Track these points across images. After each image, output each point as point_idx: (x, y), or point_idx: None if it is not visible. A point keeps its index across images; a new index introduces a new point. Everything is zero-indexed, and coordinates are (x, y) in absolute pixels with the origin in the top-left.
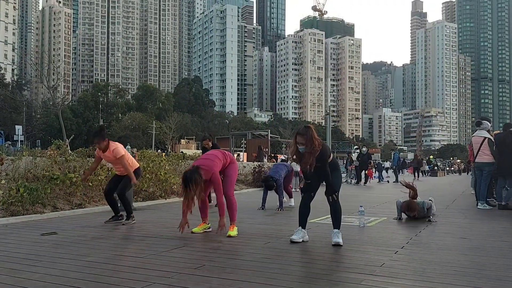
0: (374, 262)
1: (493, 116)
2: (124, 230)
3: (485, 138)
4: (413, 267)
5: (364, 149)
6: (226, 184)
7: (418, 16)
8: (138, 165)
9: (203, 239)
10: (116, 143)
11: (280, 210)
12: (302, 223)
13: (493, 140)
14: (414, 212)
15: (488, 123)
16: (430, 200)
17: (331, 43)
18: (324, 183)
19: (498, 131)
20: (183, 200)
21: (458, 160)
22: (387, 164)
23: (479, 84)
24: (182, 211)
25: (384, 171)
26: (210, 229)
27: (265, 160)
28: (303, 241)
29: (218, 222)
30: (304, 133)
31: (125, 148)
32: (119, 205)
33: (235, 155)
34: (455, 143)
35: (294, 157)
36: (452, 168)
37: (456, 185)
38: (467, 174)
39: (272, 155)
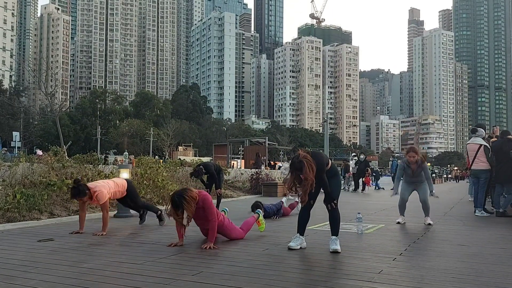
0: (372, 269)
1: (490, 123)
2: (121, 237)
3: (481, 145)
4: (412, 274)
5: (362, 156)
6: (230, 233)
7: (415, 24)
8: (125, 182)
9: (201, 246)
10: (96, 185)
11: (277, 218)
12: (301, 230)
13: (489, 147)
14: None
15: (484, 130)
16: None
17: (328, 50)
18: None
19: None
20: (176, 224)
21: (456, 168)
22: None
23: (476, 91)
24: (177, 232)
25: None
26: None
27: (263, 167)
28: (301, 248)
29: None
30: (299, 168)
31: (123, 154)
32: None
33: (233, 163)
34: (452, 150)
35: (295, 184)
36: (450, 176)
37: (454, 192)
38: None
39: (272, 163)
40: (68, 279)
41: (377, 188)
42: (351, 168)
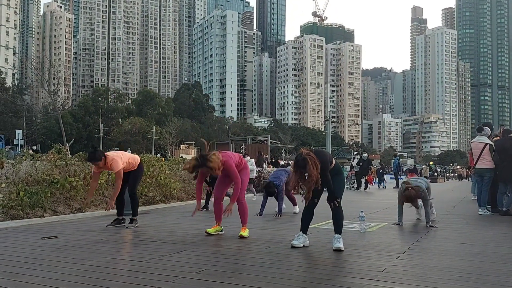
0: (375, 267)
1: (492, 122)
2: (124, 234)
3: (487, 144)
4: (415, 273)
5: (364, 155)
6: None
7: (418, 22)
8: (139, 159)
9: (204, 244)
10: (113, 154)
11: (279, 216)
12: (304, 228)
13: (494, 146)
14: (415, 194)
15: (490, 129)
16: (431, 199)
17: (331, 49)
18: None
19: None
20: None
21: (458, 167)
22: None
23: (479, 90)
24: (196, 197)
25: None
26: (223, 232)
27: (265, 166)
28: (304, 246)
29: (227, 206)
30: (303, 166)
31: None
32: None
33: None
34: (454, 149)
35: (298, 183)
36: (453, 174)
37: (457, 191)
38: (468, 180)
39: (273, 160)
40: (71, 276)
41: (379, 186)
42: (353, 167)
